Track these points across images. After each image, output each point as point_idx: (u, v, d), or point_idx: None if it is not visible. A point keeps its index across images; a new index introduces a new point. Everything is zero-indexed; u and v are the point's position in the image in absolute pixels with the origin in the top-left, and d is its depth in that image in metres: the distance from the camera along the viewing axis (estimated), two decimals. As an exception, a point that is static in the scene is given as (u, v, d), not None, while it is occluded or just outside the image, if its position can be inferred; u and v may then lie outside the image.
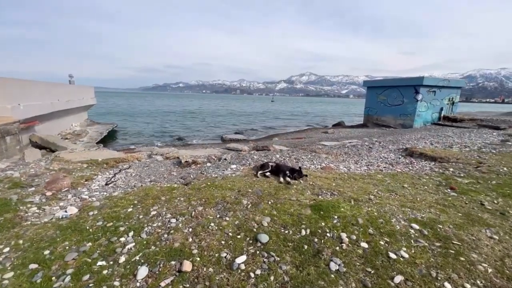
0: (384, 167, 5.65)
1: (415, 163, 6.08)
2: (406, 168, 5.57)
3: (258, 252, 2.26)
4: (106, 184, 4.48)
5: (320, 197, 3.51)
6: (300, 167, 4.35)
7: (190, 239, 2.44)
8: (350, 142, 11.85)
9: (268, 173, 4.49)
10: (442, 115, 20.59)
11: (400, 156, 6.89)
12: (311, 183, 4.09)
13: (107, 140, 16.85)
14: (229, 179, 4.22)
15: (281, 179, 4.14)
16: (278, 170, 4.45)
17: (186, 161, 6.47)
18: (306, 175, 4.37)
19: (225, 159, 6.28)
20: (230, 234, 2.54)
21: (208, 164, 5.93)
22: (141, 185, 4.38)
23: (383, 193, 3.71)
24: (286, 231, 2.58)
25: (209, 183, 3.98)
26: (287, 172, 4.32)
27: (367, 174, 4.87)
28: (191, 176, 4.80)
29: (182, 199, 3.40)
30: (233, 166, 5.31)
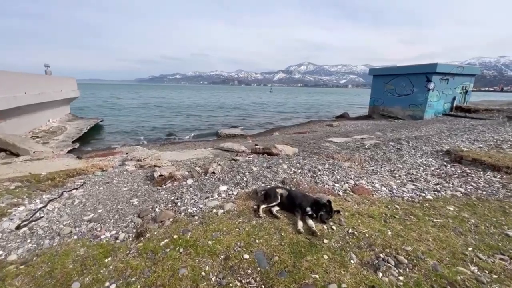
0: (437, 185, 3.99)
1: (473, 175, 4.43)
2: (469, 186, 3.92)
3: None
4: (17, 228, 2.79)
5: (379, 274, 1.85)
6: (329, 201, 2.65)
7: None
8: (363, 139, 10.23)
9: (276, 208, 2.81)
10: (454, 105, 18.90)
11: (445, 163, 5.23)
12: (349, 230, 2.42)
13: (88, 137, 15.05)
14: (212, 223, 2.53)
15: (300, 225, 2.45)
16: (292, 203, 2.77)
17: (160, 175, 4.77)
18: (338, 211, 2.70)
19: (214, 172, 4.57)
20: None
21: (189, 182, 4.23)
22: (61, 239, 2.67)
23: (489, 258, 2.04)
24: None
25: (176, 238, 2.28)
26: (307, 208, 2.64)
27: (424, 201, 3.21)
28: (156, 209, 3.10)
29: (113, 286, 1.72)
30: (223, 188, 3.62)
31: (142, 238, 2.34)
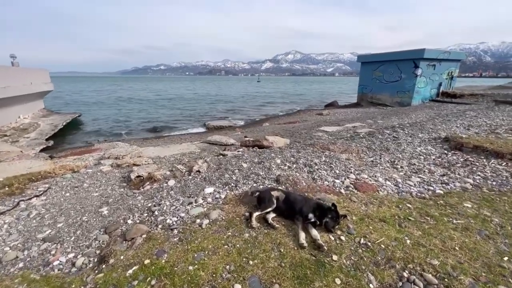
0: (444, 177, 3.68)
1: (477, 164, 4.16)
2: (477, 176, 3.63)
3: None
4: None
5: (408, 303, 1.45)
6: (334, 205, 2.22)
7: None
8: (355, 127, 9.97)
9: (272, 215, 2.36)
10: (440, 91, 19.03)
11: (445, 151, 4.97)
12: (361, 240, 2.01)
13: (65, 133, 13.99)
14: (195, 239, 2.05)
15: (302, 237, 2.01)
16: (291, 209, 2.32)
17: (138, 176, 4.20)
18: (345, 215, 2.29)
19: (199, 171, 4.06)
20: None
21: (171, 183, 3.69)
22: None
23: (531, 271, 1.70)
24: None
25: (148, 264, 1.78)
26: (310, 214, 2.20)
27: (436, 197, 2.86)
28: (128, 220, 2.58)
29: None
30: (209, 191, 3.13)
31: (104, 266, 1.83)
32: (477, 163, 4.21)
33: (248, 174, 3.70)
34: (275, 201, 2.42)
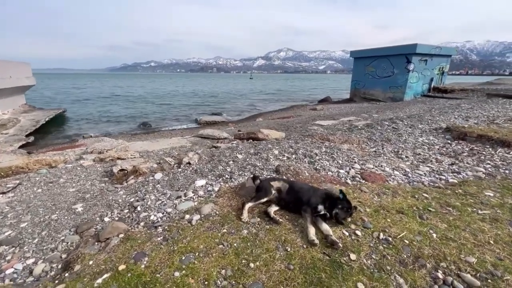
0: (453, 166, 3.45)
1: (484, 153, 3.96)
2: (487, 165, 3.41)
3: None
4: None
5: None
6: (342, 192, 1.91)
7: None
8: (350, 120, 9.76)
9: (275, 208, 2.03)
10: (432, 86, 19.15)
11: (448, 141, 4.77)
12: (380, 235, 1.71)
13: (48, 129, 13.23)
14: (183, 238, 1.69)
15: (312, 233, 1.68)
16: (297, 200, 1.99)
17: (121, 170, 3.78)
18: (355, 207, 1.98)
19: (189, 163, 3.68)
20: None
21: (158, 176, 3.31)
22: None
23: None
24: None
25: (124, 270, 1.42)
26: (319, 206, 1.88)
27: (452, 186, 2.60)
28: (105, 218, 2.20)
29: None
30: (200, 183, 2.77)
31: (67, 274, 1.46)
32: (484, 152, 4.00)
33: (244, 165, 3.36)
34: (273, 191, 2.08)
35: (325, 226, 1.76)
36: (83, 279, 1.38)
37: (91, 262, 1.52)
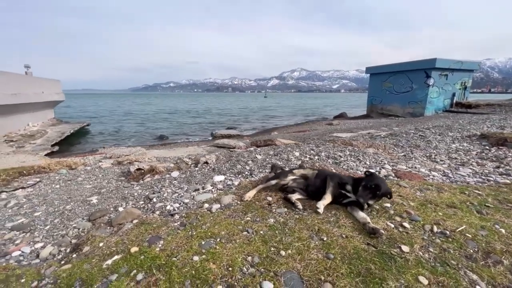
0: (499, 168, 3.06)
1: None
2: (541, 168, 3.00)
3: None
4: None
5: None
6: (369, 172, 1.66)
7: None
8: (370, 133, 9.37)
9: (297, 196, 1.80)
10: (454, 101, 18.36)
11: (486, 147, 4.34)
12: (433, 228, 1.43)
13: (73, 141, 13.86)
14: (202, 224, 1.51)
15: (361, 216, 1.44)
16: (325, 186, 1.75)
17: (138, 169, 3.71)
18: (390, 195, 1.68)
19: (206, 162, 3.55)
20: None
21: (174, 174, 3.19)
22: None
23: None
24: None
25: (136, 252, 1.25)
26: (347, 184, 1.64)
27: (508, 185, 2.26)
28: (120, 208, 2.07)
29: None
30: (219, 179, 2.60)
31: (74, 255, 1.30)
32: (533, 157, 3.57)
33: (264, 164, 3.17)
34: (290, 177, 1.87)
35: (361, 214, 1.51)
36: (91, 260, 1.21)
37: (101, 244, 1.36)
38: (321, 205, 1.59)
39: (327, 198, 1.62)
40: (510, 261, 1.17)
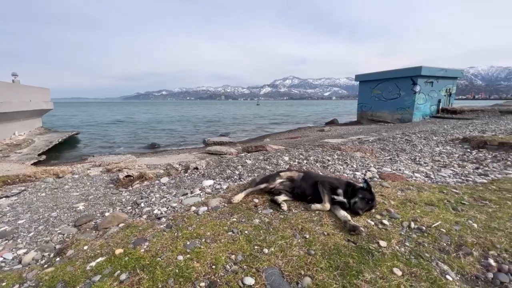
0: (478, 169, 3.20)
1: (510, 159, 3.70)
2: (517, 169, 3.15)
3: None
4: None
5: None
6: (367, 182, 1.73)
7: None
8: (359, 138, 9.58)
9: (284, 198, 1.84)
10: (440, 107, 19.02)
11: (468, 150, 4.52)
12: (411, 224, 1.50)
13: (61, 149, 13.52)
14: (188, 226, 1.53)
15: (342, 215, 1.50)
16: (314, 186, 1.80)
17: (127, 176, 3.68)
18: (372, 201, 1.75)
19: (197, 168, 3.56)
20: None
21: (164, 180, 3.19)
22: None
23: None
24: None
25: (120, 254, 1.26)
26: (339, 188, 1.70)
27: (483, 184, 2.37)
28: (106, 213, 2.06)
29: None
30: (208, 183, 2.63)
31: (58, 259, 1.30)
32: (509, 158, 3.74)
33: (253, 169, 3.21)
34: (278, 180, 1.92)
35: (342, 213, 1.57)
36: (75, 262, 1.22)
37: (85, 247, 1.36)
38: (318, 207, 1.64)
39: (326, 207, 1.66)
40: (480, 252, 1.24)
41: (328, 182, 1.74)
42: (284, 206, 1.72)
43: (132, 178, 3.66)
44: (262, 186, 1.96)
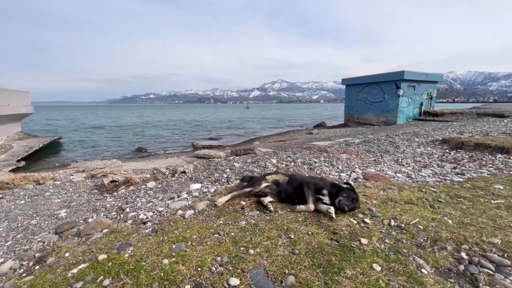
0: (455, 169, 3.37)
1: (485, 159, 3.91)
2: (490, 168, 3.34)
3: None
4: None
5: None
6: (349, 183, 1.79)
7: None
8: (346, 141, 9.81)
9: (269, 199, 1.87)
10: (422, 110, 19.83)
11: (447, 151, 4.74)
12: (391, 222, 1.57)
13: (41, 156, 12.96)
14: (174, 229, 1.53)
15: (310, 201, 1.56)
16: (299, 188, 1.84)
17: (112, 181, 3.60)
18: (356, 201, 1.81)
19: (184, 172, 3.54)
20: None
21: (150, 185, 3.14)
22: None
23: None
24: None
25: (104, 259, 1.24)
26: (324, 190, 1.75)
27: (459, 183, 2.50)
28: (90, 219, 2.01)
29: None
30: (195, 187, 2.62)
31: (37, 267, 1.26)
32: (484, 158, 3.96)
33: (241, 171, 3.23)
34: (263, 184, 1.95)
35: (324, 206, 1.62)
36: (55, 270, 1.19)
37: (67, 254, 1.32)
38: (302, 208, 1.68)
39: (310, 207, 1.70)
40: (453, 246, 1.31)
41: (313, 183, 1.78)
42: (271, 207, 1.75)
43: (117, 183, 3.58)
44: (248, 189, 1.98)
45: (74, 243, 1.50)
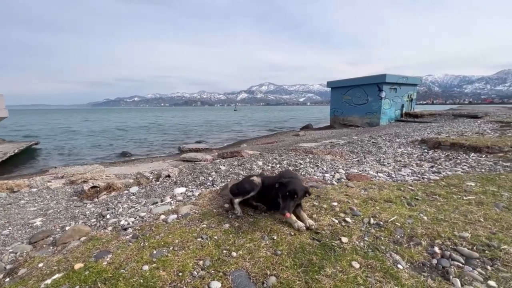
0: (433, 168, 3.53)
1: (459, 158, 4.13)
2: (464, 166, 3.53)
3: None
4: None
5: (456, 283, 1.04)
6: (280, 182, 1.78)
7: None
8: (332, 142, 10.02)
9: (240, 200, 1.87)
10: (403, 111, 20.63)
11: (425, 150, 4.96)
12: (371, 220, 1.62)
13: (16, 162, 12.27)
14: (155, 235, 1.50)
15: (294, 221, 1.55)
16: (269, 193, 1.84)
17: (93, 187, 3.47)
18: (308, 192, 1.73)
19: (169, 176, 3.47)
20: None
21: (133, 190, 3.06)
22: None
23: None
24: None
25: (80, 268, 1.19)
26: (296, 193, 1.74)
27: (435, 181, 2.62)
28: (67, 227, 1.93)
29: None
30: (180, 191, 2.58)
31: (8, 279, 1.19)
32: (459, 157, 4.17)
33: (227, 174, 3.22)
34: (258, 185, 1.96)
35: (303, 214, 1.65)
36: (27, 281, 1.13)
37: (41, 265, 1.26)
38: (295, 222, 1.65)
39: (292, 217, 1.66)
40: (428, 242, 1.38)
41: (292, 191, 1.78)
42: (238, 212, 1.74)
43: (98, 189, 3.45)
44: (252, 194, 1.84)
45: (49, 252, 1.43)
